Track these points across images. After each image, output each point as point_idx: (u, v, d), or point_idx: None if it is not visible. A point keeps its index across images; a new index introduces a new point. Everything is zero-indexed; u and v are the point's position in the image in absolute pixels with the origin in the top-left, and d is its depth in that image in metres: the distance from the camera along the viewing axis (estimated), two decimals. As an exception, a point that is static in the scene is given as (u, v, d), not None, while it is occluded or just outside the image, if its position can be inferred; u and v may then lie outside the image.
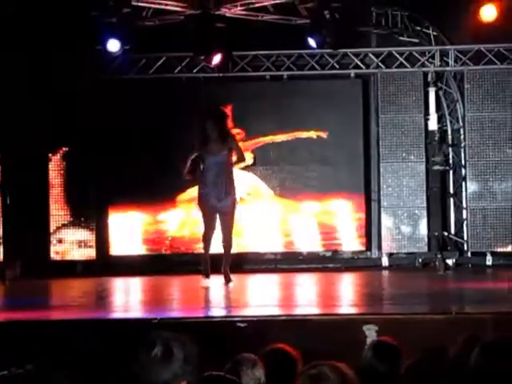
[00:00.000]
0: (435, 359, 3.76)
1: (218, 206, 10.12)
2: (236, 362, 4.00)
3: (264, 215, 12.93)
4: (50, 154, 12.65)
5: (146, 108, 12.78)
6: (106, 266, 12.63)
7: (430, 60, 12.91)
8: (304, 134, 12.89)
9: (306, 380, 3.52)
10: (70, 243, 12.69)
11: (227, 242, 10.29)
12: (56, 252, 12.70)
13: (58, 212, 12.68)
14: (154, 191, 12.69)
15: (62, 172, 12.66)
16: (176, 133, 12.62)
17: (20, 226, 12.30)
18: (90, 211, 12.72)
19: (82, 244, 12.68)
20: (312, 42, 11.83)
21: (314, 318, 7.33)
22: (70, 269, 12.43)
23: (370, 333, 5.91)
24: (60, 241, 12.69)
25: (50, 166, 12.66)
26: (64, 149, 12.65)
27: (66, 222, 12.70)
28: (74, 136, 12.49)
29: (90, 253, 12.67)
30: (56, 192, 12.67)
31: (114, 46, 11.53)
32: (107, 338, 6.90)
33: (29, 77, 12.20)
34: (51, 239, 12.67)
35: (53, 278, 11.80)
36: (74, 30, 11.69)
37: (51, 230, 12.66)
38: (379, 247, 12.91)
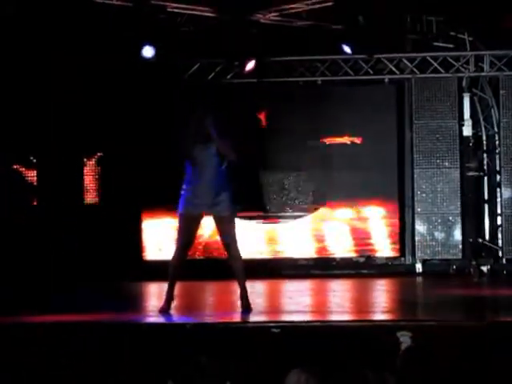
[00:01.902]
0: (474, 366, 3.75)
1: (212, 211, 8.06)
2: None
3: (297, 221, 12.93)
4: (86, 159, 12.75)
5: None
6: (140, 270, 12.68)
7: (465, 65, 12.85)
8: (337, 140, 12.88)
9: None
10: (105, 247, 12.76)
11: (236, 257, 8.24)
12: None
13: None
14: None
15: (96, 177, 12.76)
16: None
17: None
18: (123, 216, 12.79)
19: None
20: (346, 48, 11.83)
21: (347, 325, 7.31)
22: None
23: (405, 339, 5.88)
24: (95, 244, 12.76)
25: (85, 170, 12.76)
26: (99, 154, 12.74)
27: (100, 227, 12.78)
28: (108, 141, 12.58)
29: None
30: (91, 196, 12.76)
31: (148, 52, 11.61)
32: (140, 342, 6.92)
33: (66, 82, 12.30)
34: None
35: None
36: (111, 37, 11.78)
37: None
38: (413, 253, 12.86)
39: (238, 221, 8.30)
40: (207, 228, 13.02)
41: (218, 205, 7.97)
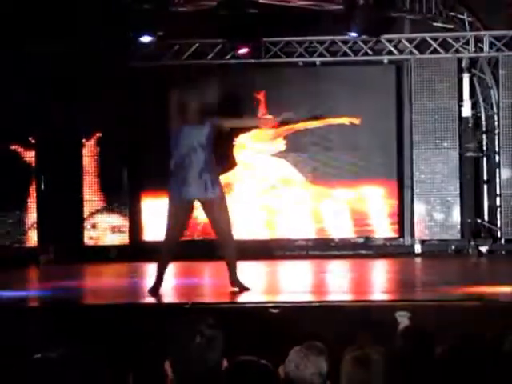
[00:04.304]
0: (472, 345, 3.75)
1: (202, 197, 8.00)
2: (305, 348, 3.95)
3: (296, 202, 12.93)
4: (84, 140, 12.73)
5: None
6: (139, 251, 12.71)
7: (465, 46, 12.81)
8: (337, 121, 12.86)
9: (350, 361, 3.53)
10: (104, 229, 12.78)
11: (227, 244, 8.11)
12: (90, 237, 12.80)
13: (91, 197, 12.77)
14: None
15: (95, 157, 12.75)
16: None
17: (54, 212, 12.41)
18: (123, 197, 12.80)
19: (115, 229, 12.77)
20: (353, 34, 11.80)
21: (346, 305, 7.33)
22: (104, 254, 12.53)
23: (403, 319, 5.90)
24: (93, 226, 12.79)
25: (83, 151, 12.74)
26: (98, 134, 12.72)
27: (99, 208, 12.79)
28: (107, 122, 12.56)
29: (123, 238, 12.76)
30: (89, 178, 12.76)
31: (145, 37, 11.70)
32: (139, 322, 6.95)
33: (62, 63, 12.27)
34: (85, 224, 12.78)
35: (87, 263, 11.90)
36: (107, 18, 11.74)
37: (85, 216, 12.76)
38: (412, 234, 12.87)
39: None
40: (206, 209, 13.03)
41: (204, 187, 7.81)
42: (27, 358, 3.00)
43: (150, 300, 8.09)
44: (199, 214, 13.01)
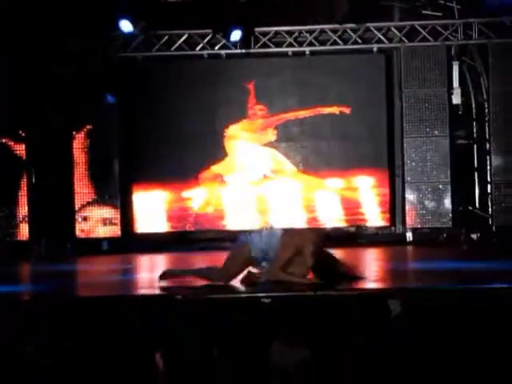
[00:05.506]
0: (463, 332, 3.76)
1: None
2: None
3: (287, 191, 12.94)
4: (74, 132, 12.70)
5: (169, 85, 12.80)
6: (131, 243, 12.72)
7: (454, 33, 12.82)
8: (327, 110, 12.86)
9: None
10: (95, 221, 12.77)
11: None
12: (81, 230, 12.79)
13: (82, 190, 12.76)
14: (178, 169, 12.74)
15: (85, 150, 12.73)
16: (199, 110, 12.68)
17: (45, 204, 12.39)
18: (114, 189, 12.78)
19: (106, 221, 12.76)
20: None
21: (338, 293, 7.33)
22: (96, 246, 12.53)
23: (395, 307, 5.91)
24: (85, 219, 12.77)
25: (74, 143, 12.72)
26: (88, 127, 12.70)
27: (90, 200, 12.78)
28: (97, 114, 12.53)
29: (114, 230, 12.76)
30: (80, 170, 12.74)
31: (126, 25, 11.66)
32: (132, 314, 6.94)
33: (52, 55, 12.23)
34: (76, 217, 12.76)
35: (78, 255, 11.90)
36: (97, 11, 11.72)
37: (76, 208, 12.74)
38: (403, 222, 12.89)
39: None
40: (196, 200, 13.04)
41: None
42: (20, 349, 3.01)
43: (141, 292, 8.08)
44: (191, 205, 13.06)
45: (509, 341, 4.87)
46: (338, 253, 11.73)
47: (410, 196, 12.75)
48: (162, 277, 8.00)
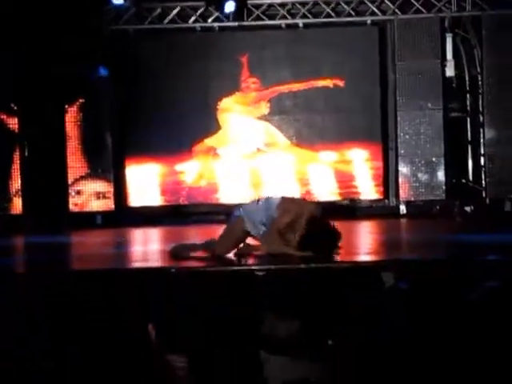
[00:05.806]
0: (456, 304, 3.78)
1: None
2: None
3: (280, 165, 12.93)
4: (67, 106, 12.65)
5: (161, 58, 12.75)
6: (125, 216, 12.71)
7: (447, 5, 12.77)
8: (320, 83, 12.83)
9: None
10: (89, 195, 12.76)
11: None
12: (75, 204, 12.78)
13: (75, 164, 12.73)
14: (171, 142, 12.71)
15: (78, 123, 12.68)
16: (191, 83, 12.63)
17: (38, 179, 12.36)
18: (107, 162, 12.76)
19: (100, 195, 12.75)
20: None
21: (332, 266, 7.34)
22: (90, 220, 12.53)
23: (388, 279, 5.92)
24: (78, 192, 12.76)
25: (66, 117, 12.67)
26: (80, 100, 12.65)
27: (83, 174, 12.75)
28: (90, 87, 12.48)
29: (108, 204, 12.75)
30: (73, 144, 12.70)
31: None
32: (127, 288, 6.94)
33: (43, 29, 12.15)
34: (69, 191, 12.74)
35: (72, 229, 11.89)
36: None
37: (69, 182, 12.72)
38: (397, 195, 12.91)
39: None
40: (190, 173, 13.03)
41: None
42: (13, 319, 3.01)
43: (135, 265, 8.09)
44: (184, 179, 13.05)
45: (501, 314, 4.88)
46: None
47: (404, 169, 12.75)
48: (174, 254, 7.97)
